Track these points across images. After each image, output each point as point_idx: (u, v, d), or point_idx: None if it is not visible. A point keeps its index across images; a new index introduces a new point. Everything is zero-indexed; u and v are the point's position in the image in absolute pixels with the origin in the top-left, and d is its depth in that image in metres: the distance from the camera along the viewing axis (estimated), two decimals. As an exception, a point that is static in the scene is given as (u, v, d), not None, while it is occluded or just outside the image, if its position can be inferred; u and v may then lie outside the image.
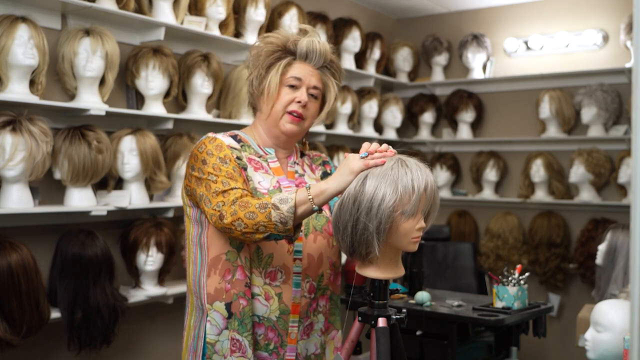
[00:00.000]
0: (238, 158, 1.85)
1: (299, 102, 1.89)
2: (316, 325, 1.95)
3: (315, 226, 1.92)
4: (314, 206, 1.70)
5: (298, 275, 1.87)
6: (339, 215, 1.67)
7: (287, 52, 1.93)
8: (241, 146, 1.91)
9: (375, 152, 1.71)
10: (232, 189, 1.76)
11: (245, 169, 1.85)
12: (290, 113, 1.90)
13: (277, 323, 1.86)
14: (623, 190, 4.19)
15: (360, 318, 1.77)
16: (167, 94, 3.10)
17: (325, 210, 1.97)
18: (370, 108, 4.50)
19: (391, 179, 1.61)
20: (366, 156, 1.69)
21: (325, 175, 2.07)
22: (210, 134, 1.90)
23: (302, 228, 1.85)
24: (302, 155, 2.08)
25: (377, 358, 1.67)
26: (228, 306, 1.83)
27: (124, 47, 3.01)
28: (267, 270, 1.85)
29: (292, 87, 1.91)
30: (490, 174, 4.63)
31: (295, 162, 2.02)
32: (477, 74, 4.76)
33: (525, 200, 4.49)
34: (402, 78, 4.97)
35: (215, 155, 1.83)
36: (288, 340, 1.88)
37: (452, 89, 4.85)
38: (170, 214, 3.13)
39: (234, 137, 1.93)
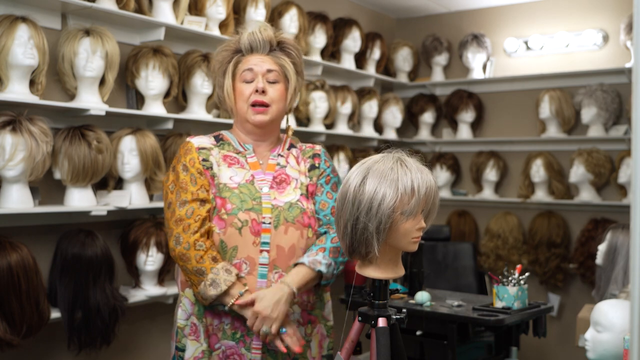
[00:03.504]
0: (204, 159, 1.97)
1: (256, 91, 1.97)
2: (291, 315, 1.97)
3: (286, 217, 1.95)
4: (229, 305, 1.87)
5: (264, 267, 1.93)
6: (340, 215, 1.67)
7: (236, 52, 2.03)
8: (220, 145, 2.03)
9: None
10: (181, 220, 1.92)
11: (210, 168, 1.97)
12: (253, 105, 1.98)
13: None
14: (623, 190, 4.19)
15: (360, 318, 1.77)
16: (167, 94, 3.10)
17: (302, 201, 2.00)
18: (370, 108, 4.50)
19: (391, 179, 1.61)
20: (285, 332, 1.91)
21: (313, 168, 2.09)
22: (188, 138, 2.04)
23: (272, 220, 1.94)
24: (292, 146, 2.11)
25: (377, 358, 1.67)
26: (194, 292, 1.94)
27: (124, 47, 3.01)
28: (232, 262, 1.92)
29: (248, 82, 1.99)
30: (490, 174, 4.63)
31: (279, 154, 2.07)
32: (477, 74, 4.76)
33: (525, 200, 4.49)
34: (402, 78, 4.97)
35: (181, 162, 1.98)
36: (249, 325, 1.92)
37: (452, 89, 4.85)
38: (170, 214, 3.12)
39: (217, 136, 2.05)
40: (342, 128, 4.30)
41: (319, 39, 4.04)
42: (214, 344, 1.94)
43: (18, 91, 2.54)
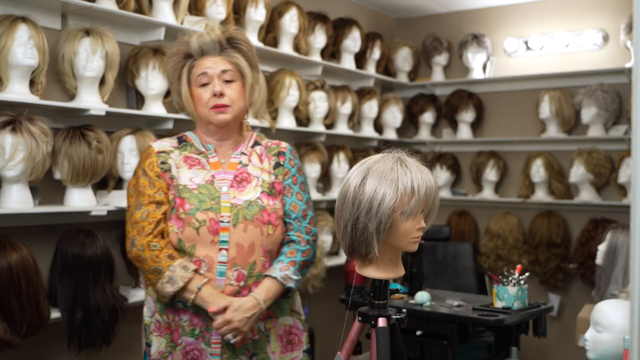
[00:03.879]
0: (163, 162, 2.02)
1: (214, 95, 2.00)
2: None
3: (245, 215, 1.99)
4: (191, 300, 1.91)
5: (223, 265, 1.97)
6: (340, 215, 1.67)
7: (188, 57, 2.05)
8: (182, 146, 2.07)
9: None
10: (136, 223, 1.97)
11: (169, 170, 2.01)
12: (213, 108, 2.01)
13: (201, 309, 1.96)
14: (623, 190, 4.19)
15: (360, 318, 1.77)
16: (167, 94, 3.10)
17: (262, 199, 2.03)
18: (370, 108, 4.50)
19: (391, 179, 1.61)
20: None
21: (277, 166, 2.10)
22: (151, 142, 2.10)
23: (231, 218, 1.98)
24: (257, 144, 2.14)
25: (377, 358, 1.67)
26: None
27: (124, 47, 3.01)
28: (191, 260, 1.97)
29: (205, 85, 2.02)
30: (490, 174, 4.63)
31: (242, 153, 2.10)
32: (477, 74, 4.76)
33: (525, 200, 4.49)
34: (402, 78, 4.97)
35: (141, 167, 2.03)
36: (213, 325, 1.95)
37: (452, 89, 4.85)
38: (170, 214, 3.12)
39: (180, 137, 2.10)
40: (342, 128, 4.30)
41: (319, 39, 4.04)
42: (176, 340, 1.99)
43: (18, 91, 2.54)
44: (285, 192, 2.08)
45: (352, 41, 4.30)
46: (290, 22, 3.78)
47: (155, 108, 3.06)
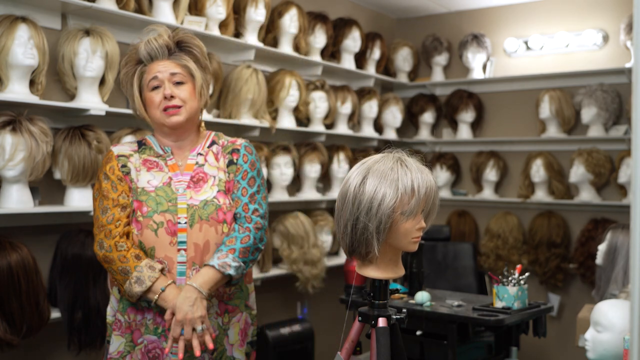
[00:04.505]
0: (123, 165, 2.05)
1: (165, 97, 2.04)
2: (211, 309, 2.03)
3: (200, 215, 2.02)
4: (154, 300, 1.93)
5: (183, 265, 2.00)
6: (340, 215, 1.67)
7: (138, 63, 2.09)
8: (142, 149, 2.11)
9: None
10: (103, 226, 2.00)
11: (128, 173, 2.01)
12: (165, 110, 2.04)
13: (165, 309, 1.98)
14: (623, 190, 4.19)
15: (360, 318, 1.77)
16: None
17: (218, 198, 2.06)
18: (370, 108, 4.50)
19: (391, 179, 1.61)
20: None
21: (231, 164, 2.13)
22: (111, 146, 2.13)
23: (187, 219, 2.01)
24: (214, 143, 2.17)
25: (377, 358, 1.67)
26: (119, 290, 2.03)
27: (124, 47, 3.01)
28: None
29: (156, 88, 2.05)
30: (490, 174, 4.63)
31: (198, 153, 2.13)
32: (477, 74, 4.76)
33: (525, 200, 4.49)
34: (402, 78, 4.97)
35: (102, 171, 2.06)
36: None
37: (452, 89, 4.85)
38: (170, 214, 3.12)
39: (140, 141, 2.14)
40: (342, 128, 4.30)
41: (319, 39, 4.04)
42: (136, 339, 2.02)
43: (18, 91, 2.54)
44: (233, 188, 2.11)
45: (352, 41, 4.30)
46: (290, 22, 3.78)
47: (155, 108, 3.06)
